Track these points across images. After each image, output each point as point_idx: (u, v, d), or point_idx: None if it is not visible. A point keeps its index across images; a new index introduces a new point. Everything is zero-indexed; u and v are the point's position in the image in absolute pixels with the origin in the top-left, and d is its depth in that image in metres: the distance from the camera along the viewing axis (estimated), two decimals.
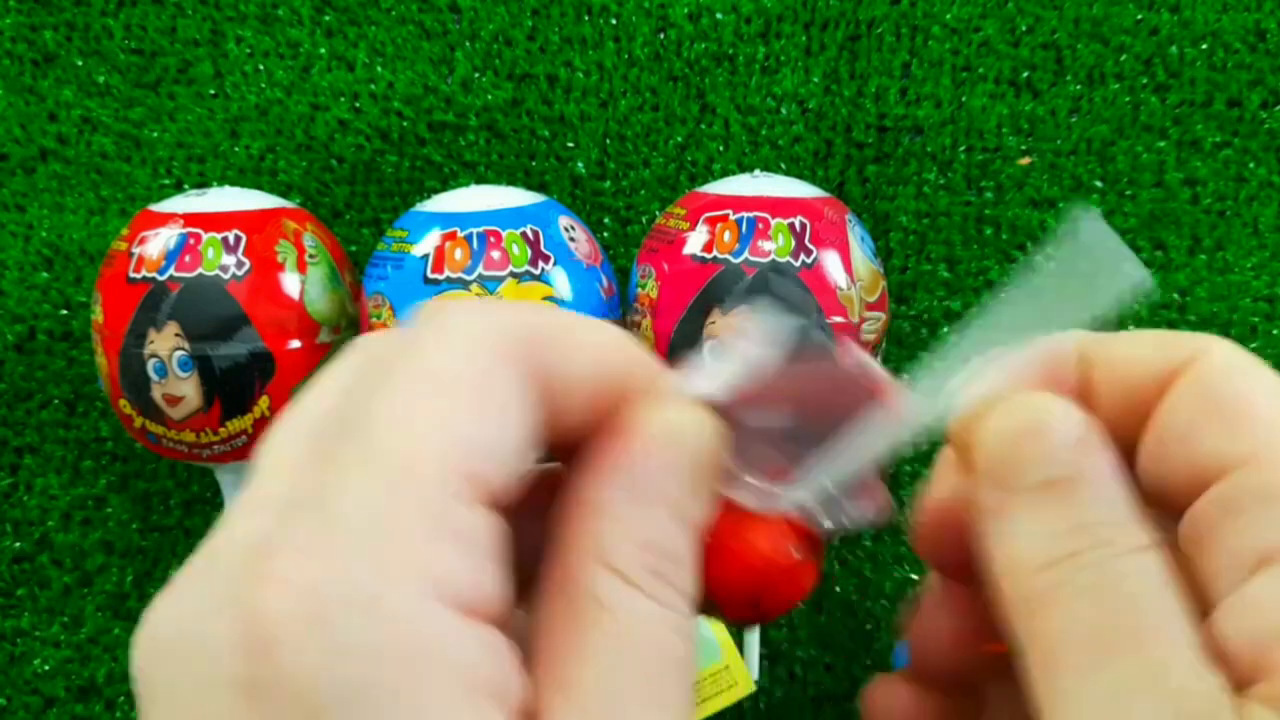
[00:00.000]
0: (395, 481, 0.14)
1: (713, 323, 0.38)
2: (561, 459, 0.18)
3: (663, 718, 0.16)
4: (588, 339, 0.17)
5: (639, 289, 0.41)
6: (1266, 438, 0.17)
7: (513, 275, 0.38)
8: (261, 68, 0.48)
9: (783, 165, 0.47)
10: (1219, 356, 0.18)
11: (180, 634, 0.14)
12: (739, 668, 0.42)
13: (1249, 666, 0.16)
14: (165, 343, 0.38)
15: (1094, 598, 0.17)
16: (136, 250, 0.39)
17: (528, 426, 0.16)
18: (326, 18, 0.48)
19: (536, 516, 0.18)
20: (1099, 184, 0.46)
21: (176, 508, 0.47)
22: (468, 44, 0.48)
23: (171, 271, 0.39)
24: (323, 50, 0.48)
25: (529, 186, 0.45)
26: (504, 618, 0.15)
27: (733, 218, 0.39)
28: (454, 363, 0.15)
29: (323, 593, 0.13)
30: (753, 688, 0.42)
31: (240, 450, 0.40)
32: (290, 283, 0.40)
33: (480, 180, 0.47)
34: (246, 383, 0.39)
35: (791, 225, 0.39)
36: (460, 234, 0.39)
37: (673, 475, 0.17)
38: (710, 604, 0.19)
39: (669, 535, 0.17)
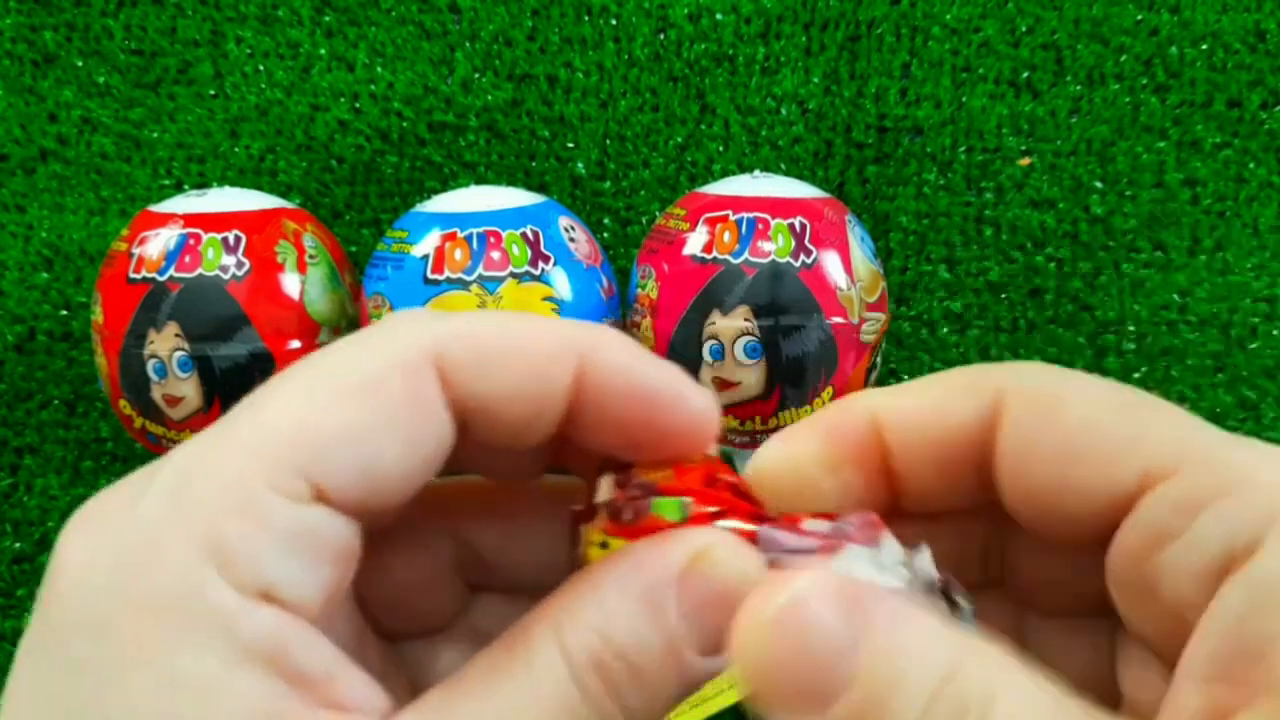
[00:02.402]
0: (225, 456, 0.14)
1: (712, 323, 0.38)
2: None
3: None
4: (517, 362, 0.16)
5: (639, 289, 0.41)
6: (1178, 446, 0.16)
7: (513, 275, 0.38)
8: (261, 68, 0.48)
9: (783, 165, 0.47)
10: (1036, 385, 0.17)
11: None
12: None
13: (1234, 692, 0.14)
14: (165, 343, 0.38)
15: None
16: (136, 250, 0.39)
17: (420, 441, 0.15)
18: (326, 18, 0.48)
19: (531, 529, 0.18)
20: (1099, 184, 0.46)
21: None
22: (468, 44, 0.48)
23: (171, 272, 0.39)
24: (323, 50, 0.48)
25: (529, 187, 0.45)
26: (318, 610, 0.14)
27: (733, 218, 0.39)
28: (355, 366, 0.15)
29: (110, 532, 0.14)
30: None
31: None
32: (290, 283, 0.40)
33: (480, 180, 0.47)
34: (246, 383, 0.39)
35: (791, 225, 0.39)
36: (460, 234, 0.39)
37: (699, 609, 0.15)
38: None
39: (640, 650, 0.15)
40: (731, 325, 0.38)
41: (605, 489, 0.17)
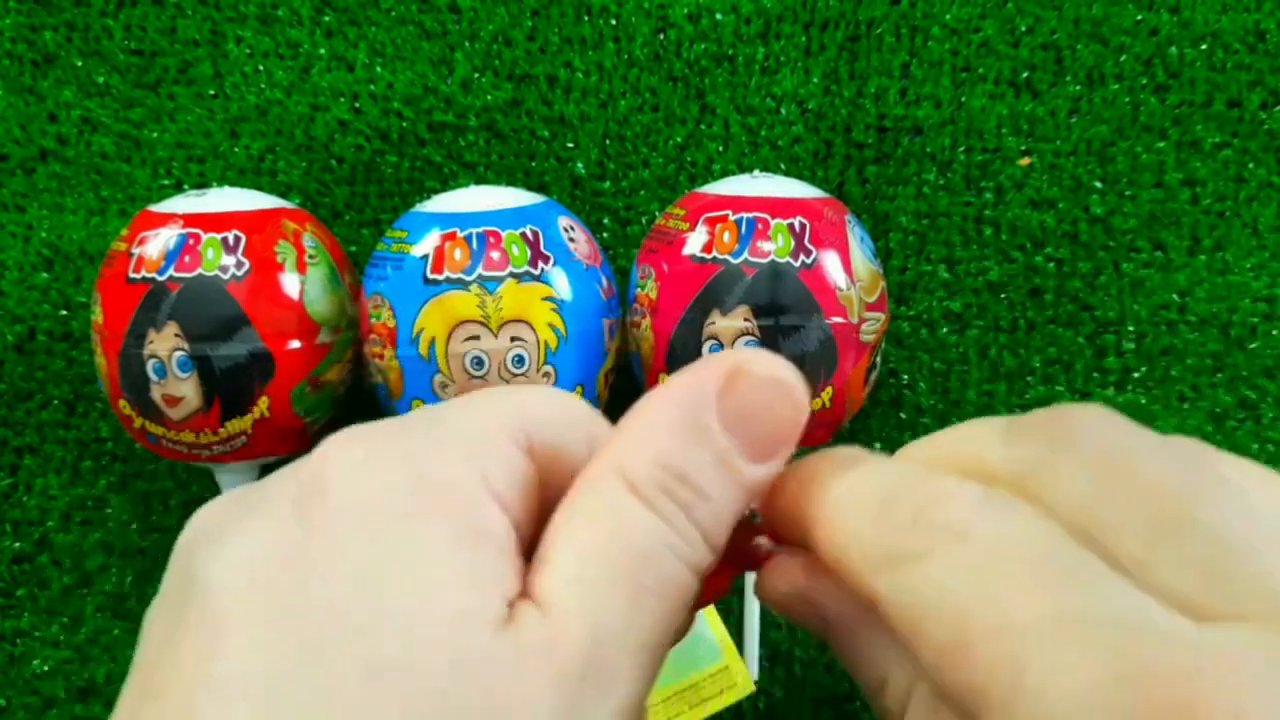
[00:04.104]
0: (485, 419, 0.18)
1: (712, 323, 0.38)
2: None
3: (634, 619, 0.16)
4: (578, 430, 0.19)
5: (639, 289, 0.41)
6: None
7: (512, 275, 0.38)
8: (261, 68, 0.48)
9: (782, 165, 0.47)
10: None
11: (245, 498, 0.18)
12: (739, 668, 0.42)
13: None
14: (165, 343, 0.38)
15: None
16: (136, 250, 0.39)
17: (525, 479, 0.18)
18: (326, 18, 0.48)
19: None
20: (1099, 184, 0.46)
21: (176, 508, 0.47)
22: (468, 44, 0.48)
23: (171, 272, 0.39)
24: (323, 50, 0.48)
25: (529, 187, 0.45)
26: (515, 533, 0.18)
27: (732, 218, 0.39)
28: (476, 431, 0.19)
29: (375, 455, 0.17)
30: (752, 688, 0.42)
31: (240, 451, 0.40)
32: (290, 283, 0.40)
33: (480, 180, 0.47)
34: (246, 383, 0.39)
35: (791, 225, 0.39)
36: (460, 234, 0.39)
37: (741, 420, 0.18)
38: None
39: (698, 469, 0.17)
40: (731, 325, 0.38)
41: None
